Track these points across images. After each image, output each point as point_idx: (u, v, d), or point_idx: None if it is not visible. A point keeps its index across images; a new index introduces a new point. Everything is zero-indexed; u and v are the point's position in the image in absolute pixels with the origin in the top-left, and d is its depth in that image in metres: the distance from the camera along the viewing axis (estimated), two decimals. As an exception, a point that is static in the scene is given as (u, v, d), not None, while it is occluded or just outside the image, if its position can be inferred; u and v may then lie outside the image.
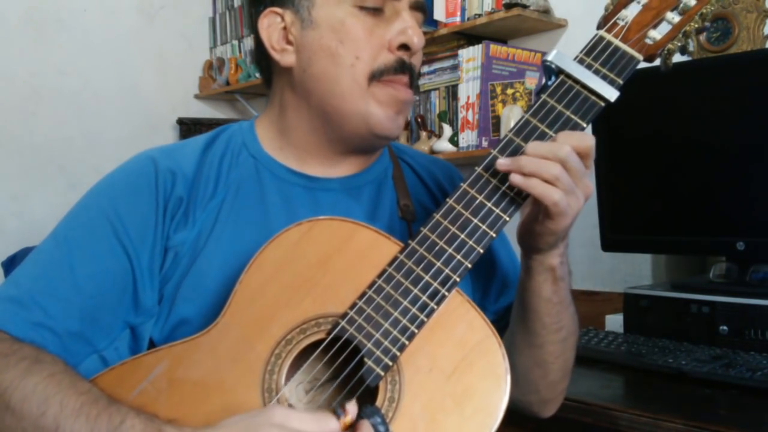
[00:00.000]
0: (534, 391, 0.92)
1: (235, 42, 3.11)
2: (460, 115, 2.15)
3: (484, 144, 2.08)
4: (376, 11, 0.88)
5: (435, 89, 2.28)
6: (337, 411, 0.69)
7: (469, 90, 2.13)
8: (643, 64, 0.99)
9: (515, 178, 0.75)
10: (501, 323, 0.97)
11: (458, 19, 2.18)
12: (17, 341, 0.78)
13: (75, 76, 2.83)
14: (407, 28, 0.88)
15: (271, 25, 0.91)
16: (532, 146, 0.77)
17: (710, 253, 1.58)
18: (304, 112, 0.92)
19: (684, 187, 1.48)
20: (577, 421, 1.09)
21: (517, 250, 1.05)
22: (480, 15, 2.12)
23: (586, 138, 0.78)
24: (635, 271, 1.82)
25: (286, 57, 0.91)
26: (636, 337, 1.41)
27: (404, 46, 0.89)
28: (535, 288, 0.85)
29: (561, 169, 0.75)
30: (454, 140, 2.18)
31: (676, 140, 1.49)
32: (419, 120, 2.28)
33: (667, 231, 1.53)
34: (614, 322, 1.57)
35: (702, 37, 1.73)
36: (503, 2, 2.05)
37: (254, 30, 0.94)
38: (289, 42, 0.91)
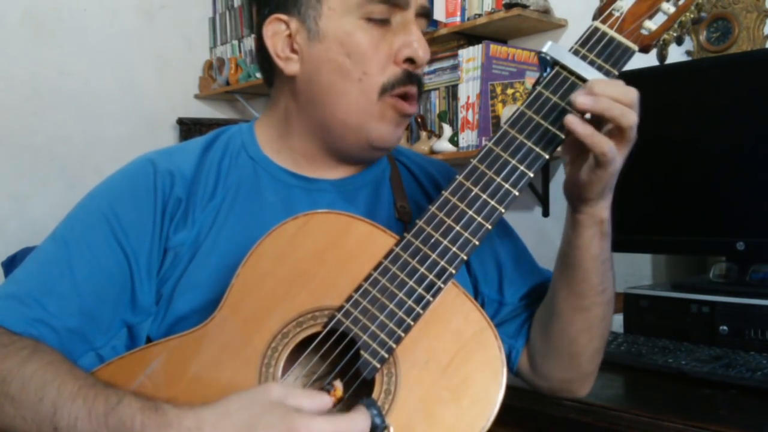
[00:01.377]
0: (577, 364, 0.92)
1: (235, 42, 3.12)
2: (460, 115, 2.15)
3: (484, 144, 2.08)
4: (383, 22, 0.87)
5: (435, 89, 2.29)
6: (327, 388, 0.71)
7: (469, 90, 2.13)
8: (642, 63, 0.99)
9: (572, 125, 0.74)
10: (523, 305, 0.98)
11: (458, 19, 2.18)
12: (16, 334, 0.78)
13: (75, 76, 2.83)
14: (413, 41, 0.88)
15: (276, 33, 0.90)
16: (575, 96, 0.75)
17: (710, 253, 1.58)
18: (305, 120, 0.92)
19: (684, 187, 1.48)
20: (577, 421, 1.09)
21: (526, 242, 1.05)
22: (480, 15, 2.13)
23: (629, 91, 0.76)
24: (635, 271, 1.81)
25: (290, 65, 0.90)
26: (636, 337, 1.40)
27: (410, 60, 0.89)
28: (583, 244, 0.84)
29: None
30: (454, 140, 2.18)
31: (676, 140, 1.49)
32: (419, 120, 2.28)
33: (667, 231, 1.53)
34: (614, 322, 1.56)
35: (702, 37, 1.73)
36: (503, 2, 2.05)
37: (257, 33, 0.94)
38: (293, 50, 0.90)
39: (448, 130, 2.20)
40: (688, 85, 1.48)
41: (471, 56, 2.12)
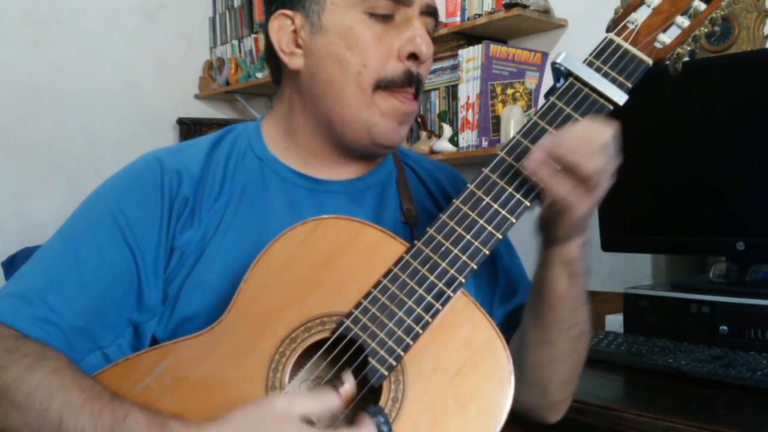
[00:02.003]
0: (543, 393, 0.91)
1: (235, 42, 3.11)
2: (460, 115, 2.16)
3: (484, 144, 2.09)
4: (386, 18, 0.87)
5: (435, 89, 2.29)
6: (335, 383, 0.70)
7: (469, 90, 2.14)
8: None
9: (530, 163, 0.74)
10: (506, 326, 0.97)
11: (458, 19, 2.18)
12: (22, 337, 0.78)
13: (75, 76, 2.83)
14: (416, 36, 0.87)
15: (281, 28, 0.91)
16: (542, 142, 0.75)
17: (710, 253, 1.58)
18: (310, 116, 0.92)
19: (684, 187, 1.48)
20: (577, 421, 1.09)
21: (521, 253, 1.06)
22: (480, 15, 2.13)
23: (598, 133, 0.74)
24: (635, 271, 1.82)
25: (294, 60, 0.91)
26: (636, 337, 1.41)
27: (413, 55, 0.88)
28: (550, 281, 0.83)
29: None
30: (454, 140, 2.19)
31: (676, 140, 1.49)
32: (419, 120, 2.29)
33: (667, 231, 1.53)
34: (614, 322, 1.57)
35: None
36: (503, 2, 2.05)
37: (264, 29, 0.94)
38: (298, 45, 0.90)
39: (448, 130, 2.20)
40: (688, 85, 1.48)
41: (471, 56, 2.13)
